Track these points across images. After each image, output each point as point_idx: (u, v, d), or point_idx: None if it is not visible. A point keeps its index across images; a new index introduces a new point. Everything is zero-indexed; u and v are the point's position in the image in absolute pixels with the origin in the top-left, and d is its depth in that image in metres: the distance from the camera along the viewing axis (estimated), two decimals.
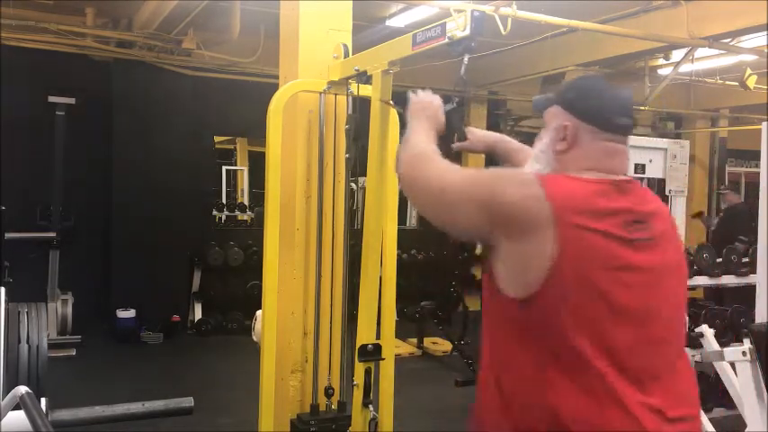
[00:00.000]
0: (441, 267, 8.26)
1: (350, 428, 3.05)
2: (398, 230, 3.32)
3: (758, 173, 3.75)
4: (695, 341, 4.04)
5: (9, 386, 1.84)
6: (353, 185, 3.41)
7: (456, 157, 1.90)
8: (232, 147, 11.62)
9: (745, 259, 5.17)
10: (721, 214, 8.88)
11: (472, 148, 2.17)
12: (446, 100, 2.01)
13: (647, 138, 7.77)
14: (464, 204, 1.57)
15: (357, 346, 2.93)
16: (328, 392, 3.26)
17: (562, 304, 1.44)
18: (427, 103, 1.98)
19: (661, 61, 8.05)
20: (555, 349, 1.48)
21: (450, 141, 2.02)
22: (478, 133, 2.19)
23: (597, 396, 1.44)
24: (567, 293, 1.44)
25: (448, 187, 1.61)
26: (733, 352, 3.48)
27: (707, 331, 4.03)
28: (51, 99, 6.81)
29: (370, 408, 2.97)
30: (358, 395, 2.96)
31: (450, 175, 1.64)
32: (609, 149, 1.59)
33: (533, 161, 1.68)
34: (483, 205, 1.52)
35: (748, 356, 3.33)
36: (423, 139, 1.83)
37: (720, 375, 3.98)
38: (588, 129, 1.58)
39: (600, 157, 1.58)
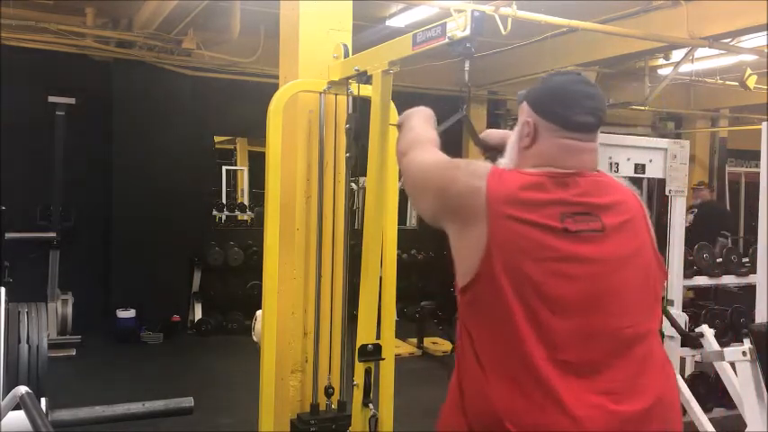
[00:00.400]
0: (441, 267, 8.26)
1: (350, 428, 3.05)
2: (398, 230, 3.32)
3: (758, 173, 3.75)
4: (695, 341, 4.04)
5: (9, 386, 1.84)
6: (354, 185, 3.40)
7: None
8: (232, 147, 11.61)
9: (747, 260, 5.18)
10: (695, 210, 8.71)
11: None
12: (456, 108, 2.07)
13: (647, 138, 7.78)
14: (427, 188, 1.68)
15: (357, 346, 2.93)
16: (328, 392, 3.26)
17: (494, 294, 1.46)
18: (415, 110, 2.04)
19: (661, 61, 8.05)
20: (491, 343, 1.48)
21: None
22: (494, 134, 2.11)
23: (533, 394, 1.42)
24: (498, 283, 1.45)
25: (422, 170, 1.73)
26: (733, 352, 3.48)
27: (707, 331, 4.03)
28: (51, 99, 6.80)
29: (370, 406, 2.97)
30: (358, 395, 2.96)
31: (427, 160, 1.74)
32: (567, 147, 1.60)
33: (505, 155, 1.72)
34: (437, 192, 1.62)
35: (748, 356, 3.34)
36: (420, 124, 1.93)
37: (720, 375, 3.98)
38: (548, 126, 1.61)
39: (557, 154, 1.60)
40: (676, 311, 4.15)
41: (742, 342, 3.47)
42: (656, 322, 1.63)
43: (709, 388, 4.57)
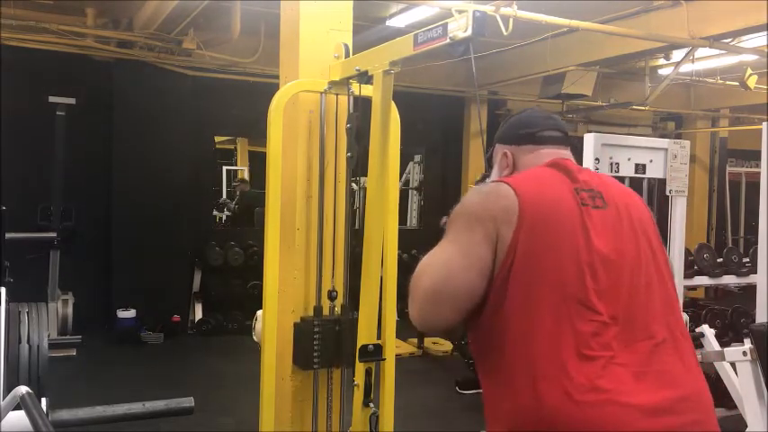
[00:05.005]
0: None
1: (350, 428, 3.05)
2: (399, 230, 3.32)
3: (758, 173, 3.75)
4: (696, 341, 4.04)
5: (9, 386, 1.83)
6: (354, 185, 3.40)
7: None
8: (232, 147, 11.63)
9: (748, 260, 5.16)
10: None
11: None
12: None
13: (647, 138, 7.79)
14: (478, 260, 1.56)
15: (358, 347, 2.93)
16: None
17: (530, 254, 1.55)
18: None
19: (661, 61, 8.05)
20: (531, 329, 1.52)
21: None
22: None
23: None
24: (532, 243, 1.56)
25: (453, 269, 1.57)
26: (734, 352, 3.48)
27: (707, 331, 4.03)
28: (51, 99, 6.79)
29: (371, 405, 2.97)
30: (358, 395, 2.96)
31: (446, 264, 1.59)
32: (546, 154, 1.79)
33: None
34: (490, 240, 1.56)
35: (749, 356, 3.34)
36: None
37: (721, 375, 3.98)
38: (523, 149, 1.82)
39: (538, 161, 1.78)
40: None
41: (742, 342, 3.48)
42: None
43: (710, 388, 4.57)
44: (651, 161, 4.09)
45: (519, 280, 1.52)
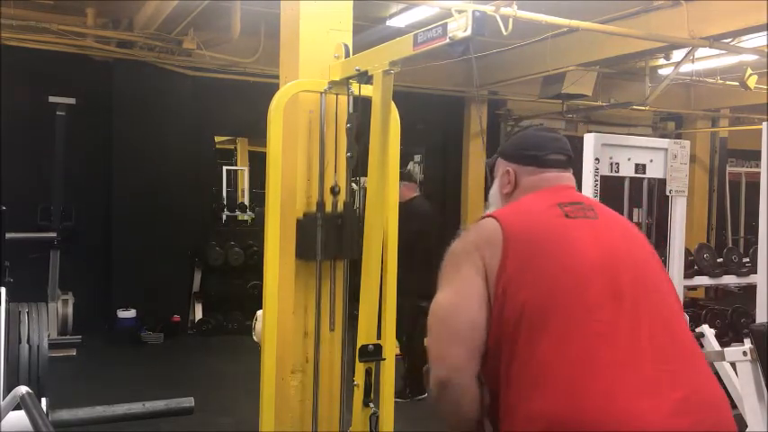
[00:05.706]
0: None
1: (350, 428, 3.05)
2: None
3: (758, 173, 3.75)
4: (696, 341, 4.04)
5: (9, 386, 1.84)
6: (354, 185, 3.40)
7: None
8: (232, 147, 11.63)
9: (748, 260, 5.16)
10: None
11: None
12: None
13: (647, 138, 7.79)
14: (473, 292, 1.61)
15: (358, 347, 2.93)
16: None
17: (520, 276, 1.60)
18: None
19: (662, 61, 8.05)
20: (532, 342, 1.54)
21: None
22: None
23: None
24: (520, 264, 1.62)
25: (451, 311, 1.63)
26: (734, 352, 3.48)
27: (707, 331, 4.03)
28: (52, 99, 6.79)
29: (371, 405, 2.97)
30: (358, 395, 2.96)
31: (443, 305, 1.65)
32: (547, 178, 1.82)
33: (487, 206, 1.90)
34: (479, 270, 1.61)
35: (749, 356, 3.34)
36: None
37: (721, 375, 3.98)
38: (526, 170, 1.84)
39: (539, 183, 1.82)
40: None
41: (742, 342, 3.48)
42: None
43: None
44: (651, 161, 4.09)
45: (515, 296, 1.55)
